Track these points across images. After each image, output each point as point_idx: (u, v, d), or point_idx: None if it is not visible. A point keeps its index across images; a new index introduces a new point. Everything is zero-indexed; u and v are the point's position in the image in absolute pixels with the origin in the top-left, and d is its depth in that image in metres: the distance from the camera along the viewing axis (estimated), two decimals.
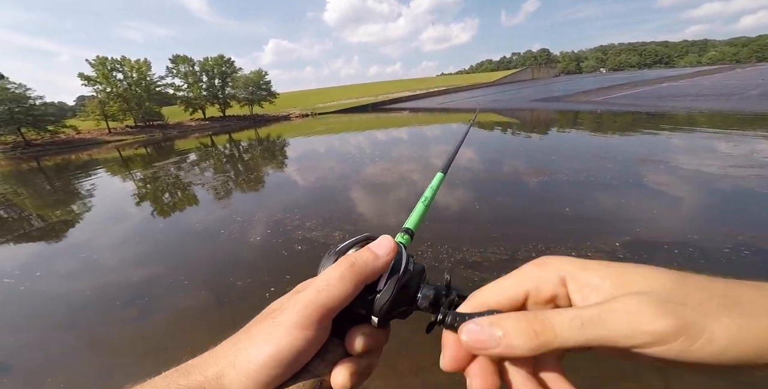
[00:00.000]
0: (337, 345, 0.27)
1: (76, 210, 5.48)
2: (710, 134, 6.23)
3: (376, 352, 0.29)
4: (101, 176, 8.85)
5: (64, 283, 2.98)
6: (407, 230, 0.32)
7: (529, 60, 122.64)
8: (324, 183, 5.38)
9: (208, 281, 2.71)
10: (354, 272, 0.26)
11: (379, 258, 0.27)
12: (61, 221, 4.91)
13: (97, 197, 6.37)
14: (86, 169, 10.76)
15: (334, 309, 0.25)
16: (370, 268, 0.26)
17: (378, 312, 0.26)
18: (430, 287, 0.28)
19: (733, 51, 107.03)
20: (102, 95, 26.20)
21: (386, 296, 0.26)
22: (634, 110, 11.11)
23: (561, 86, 28.20)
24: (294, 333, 0.24)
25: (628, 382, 1.51)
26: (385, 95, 37.62)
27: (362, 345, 0.27)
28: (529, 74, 63.21)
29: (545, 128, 9.29)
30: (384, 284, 0.27)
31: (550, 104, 15.97)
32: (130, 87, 26.99)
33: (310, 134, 14.05)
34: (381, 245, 0.28)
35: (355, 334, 0.27)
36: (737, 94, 12.15)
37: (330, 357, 0.26)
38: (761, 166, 4.05)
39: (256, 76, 32.83)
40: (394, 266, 0.27)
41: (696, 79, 22.62)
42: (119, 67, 26.96)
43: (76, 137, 23.96)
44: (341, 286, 0.25)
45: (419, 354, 1.70)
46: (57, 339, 2.23)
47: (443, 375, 1.04)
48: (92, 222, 4.80)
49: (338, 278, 0.26)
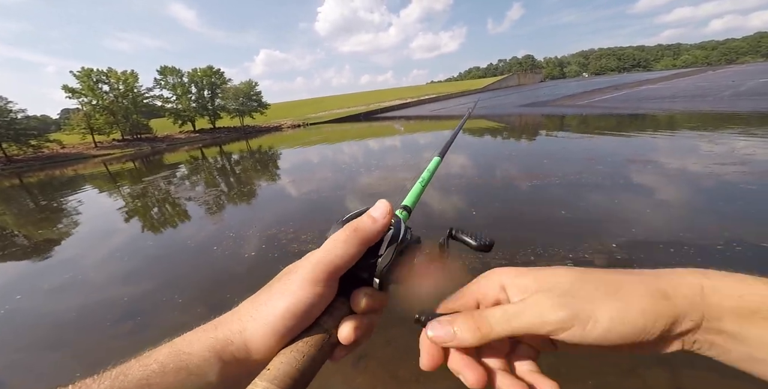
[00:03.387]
0: (343, 303, 0.30)
1: (62, 229, 5.32)
2: (691, 133, 6.44)
3: (377, 313, 0.31)
4: (88, 193, 8.64)
5: (49, 304, 2.86)
6: (405, 207, 0.36)
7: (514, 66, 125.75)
8: (319, 195, 5.34)
9: (202, 298, 2.64)
10: (357, 236, 0.29)
11: (377, 221, 0.30)
12: (46, 241, 4.75)
13: (83, 215, 6.20)
14: (72, 186, 10.50)
15: (340, 268, 0.29)
16: (370, 231, 0.30)
17: (379, 273, 0.30)
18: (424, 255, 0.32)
19: (705, 54, 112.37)
20: (87, 108, 25.70)
21: (386, 260, 0.30)
22: (616, 113, 11.43)
23: (546, 91, 28.89)
24: (306, 288, 0.28)
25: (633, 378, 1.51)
26: (377, 104, 38.02)
27: (365, 304, 0.29)
28: (515, 80, 64.70)
29: (534, 133, 9.47)
30: (384, 249, 0.30)
31: (537, 108, 16.34)
32: (116, 99, 26.59)
33: (303, 145, 14.05)
34: (378, 209, 0.31)
35: (359, 294, 0.30)
36: (711, 96, 12.64)
37: (337, 313, 0.29)
38: (742, 162, 4.18)
39: (246, 86, 32.83)
40: (394, 235, 0.31)
41: (672, 81, 23.48)
42: (105, 78, 26.57)
43: (61, 152, 23.41)
44: (346, 247, 0.29)
45: (418, 360, 1.70)
46: (47, 361, 2.13)
47: (444, 381, 1.19)
48: (78, 242, 4.66)
49: (343, 241, 0.29)
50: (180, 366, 0.26)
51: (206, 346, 0.27)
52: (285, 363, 0.26)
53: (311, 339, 0.28)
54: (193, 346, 0.27)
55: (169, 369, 0.25)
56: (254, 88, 33.15)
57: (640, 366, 1.55)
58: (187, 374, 0.25)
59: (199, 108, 31.55)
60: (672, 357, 1.55)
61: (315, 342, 0.28)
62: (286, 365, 0.26)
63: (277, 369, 0.25)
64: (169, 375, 0.25)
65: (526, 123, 12.45)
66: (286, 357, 0.26)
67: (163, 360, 0.26)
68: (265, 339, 0.27)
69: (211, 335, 0.28)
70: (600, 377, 1.53)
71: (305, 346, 0.27)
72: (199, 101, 31.64)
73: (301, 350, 0.27)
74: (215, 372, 0.26)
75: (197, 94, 31.77)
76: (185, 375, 0.25)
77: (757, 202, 3.07)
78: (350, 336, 0.28)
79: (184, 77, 31.36)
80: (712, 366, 1.14)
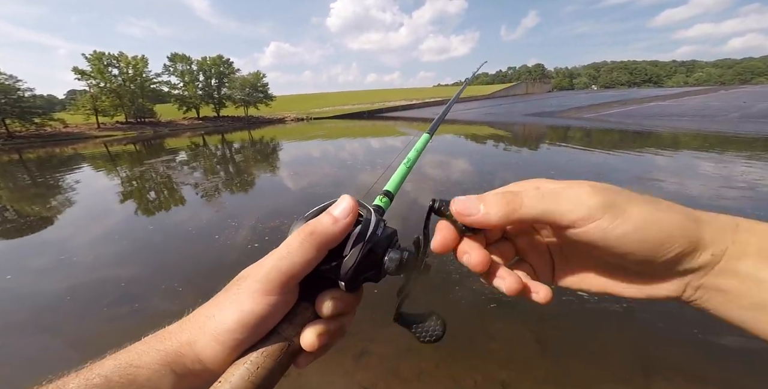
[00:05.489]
0: (306, 309, 0.28)
1: (58, 208, 5.24)
2: (698, 153, 6.39)
3: (348, 315, 0.29)
4: (86, 172, 8.56)
5: (41, 286, 2.77)
6: (387, 192, 0.32)
7: (524, 74, 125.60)
8: (324, 189, 5.28)
9: (202, 287, 2.56)
10: (314, 239, 0.26)
11: (338, 221, 0.27)
12: (41, 219, 4.68)
13: (81, 195, 6.11)
14: (70, 164, 10.42)
15: (296, 275, 0.26)
16: (329, 233, 0.26)
17: (344, 276, 0.27)
18: (397, 251, 0.28)
19: (719, 73, 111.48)
20: (95, 90, 25.73)
21: (350, 262, 0.27)
22: (623, 128, 11.37)
23: (554, 102, 28.84)
24: (257, 298, 0.25)
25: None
26: (382, 103, 37.91)
27: (331, 308, 0.27)
28: (523, 89, 64.56)
29: (540, 143, 9.43)
30: (349, 249, 0.27)
31: (544, 119, 16.29)
32: (124, 83, 26.62)
33: (306, 139, 13.98)
34: (339, 207, 0.27)
35: (324, 298, 0.27)
36: (720, 116, 12.59)
37: (299, 319, 0.27)
38: (750, 188, 4.13)
39: (254, 77, 32.75)
40: (360, 233, 0.27)
41: (682, 99, 23.41)
42: (115, 62, 26.61)
43: (63, 131, 23.35)
44: (302, 253, 0.26)
45: (421, 359, 1.69)
46: (37, 345, 2.05)
47: (445, 379, 1.28)
48: (74, 222, 4.58)
49: (299, 245, 0.26)
50: (128, 379, 0.24)
51: (156, 359, 0.25)
52: (237, 376, 0.24)
53: (267, 349, 0.26)
54: (143, 359, 0.25)
55: (115, 383, 0.24)
56: (261, 80, 33.07)
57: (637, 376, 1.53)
58: (137, 387, 0.24)
59: (204, 96, 31.51)
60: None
61: (271, 353, 0.26)
62: (237, 378, 0.24)
63: (228, 382, 0.24)
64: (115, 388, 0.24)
65: (531, 133, 12.40)
66: (238, 369, 0.25)
67: (107, 374, 0.24)
68: (215, 353, 0.25)
69: (161, 347, 0.26)
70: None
71: (260, 357, 0.25)
72: (205, 89, 31.60)
73: (255, 361, 0.25)
74: (168, 385, 0.25)
75: (204, 83, 31.72)
76: (135, 388, 0.24)
77: None
78: (314, 343, 0.26)
79: (193, 65, 31.32)
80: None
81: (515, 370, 1.59)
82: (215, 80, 31.90)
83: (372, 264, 0.28)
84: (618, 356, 1.65)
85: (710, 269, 0.23)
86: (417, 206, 4.10)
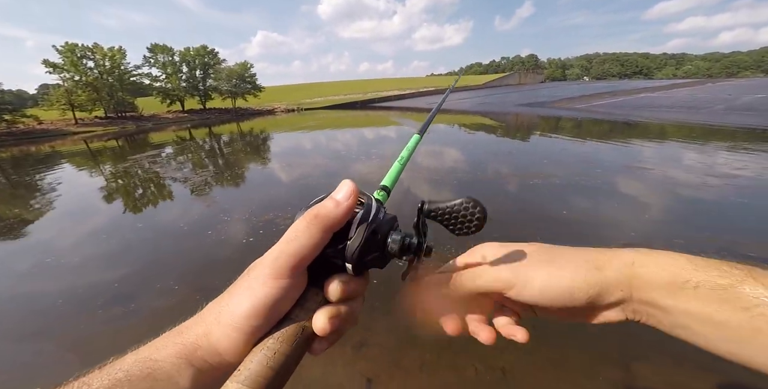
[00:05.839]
0: (316, 294, 0.28)
1: (38, 209, 5.06)
2: (684, 144, 6.50)
3: (357, 299, 0.30)
4: (66, 170, 8.28)
5: (29, 290, 2.66)
6: (384, 187, 0.34)
7: (517, 65, 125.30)
8: (317, 180, 5.19)
9: (198, 284, 2.49)
10: (319, 222, 0.27)
11: (340, 204, 0.27)
12: (22, 221, 4.50)
13: (62, 195, 5.90)
14: (49, 162, 10.05)
15: (305, 258, 0.27)
16: (333, 216, 0.27)
17: (350, 258, 0.28)
18: (399, 233, 0.30)
19: (707, 66, 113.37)
20: (69, 84, 24.39)
21: (356, 242, 0.27)
22: (612, 119, 11.48)
23: (546, 92, 28.90)
24: (269, 283, 0.26)
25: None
26: (374, 93, 37.42)
27: (339, 292, 0.28)
28: (516, 79, 64.49)
29: (533, 133, 9.44)
30: (354, 231, 0.28)
31: (536, 109, 16.32)
32: (101, 76, 25.32)
33: (297, 130, 13.71)
34: (340, 191, 0.28)
35: (332, 282, 0.28)
36: (706, 108, 12.77)
37: (309, 304, 0.28)
38: (734, 176, 4.23)
39: (241, 68, 31.78)
40: (363, 216, 0.28)
41: (671, 91, 23.69)
42: (90, 54, 25.23)
43: (38, 128, 22.05)
44: (308, 235, 0.26)
45: (423, 350, 1.70)
46: (30, 351, 1.97)
47: (447, 369, 1.31)
48: (57, 222, 4.42)
49: (304, 229, 0.27)
50: (147, 373, 0.25)
51: (174, 352, 0.26)
52: (255, 362, 0.25)
53: (282, 334, 0.26)
54: (161, 353, 0.26)
55: (135, 377, 0.25)
56: (249, 70, 32.11)
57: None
58: (154, 380, 0.25)
59: (189, 88, 30.39)
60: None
61: (286, 338, 0.26)
62: (256, 364, 0.25)
63: (248, 369, 0.25)
64: (136, 382, 0.24)
65: (524, 123, 12.42)
66: (256, 356, 0.25)
67: (128, 369, 0.25)
68: (232, 341, 0.26)
69: (177, 340, 0.27)
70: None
71: (276, 343, 0.26)
72: (189, 81, 30.46)
73: (272, 347, 0.26)
74: (187, 378, 0.26)
75: (188, 74, 30.56)
76: (152, 381, 0.25)
77: (744, 217, 3.12)
78: (326, 327, 0.27)
79: (175, 56, 30.04)
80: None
81: (513, 356, 1.63)
82: (200, 71, 30.81)
83: (376, 246, 0.29)
84: (612, 340, 1.69)
85: (630, 300, 0.28)
86: (411, 195, 4.07)
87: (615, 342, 1.67)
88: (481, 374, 1.54)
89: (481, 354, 1.64)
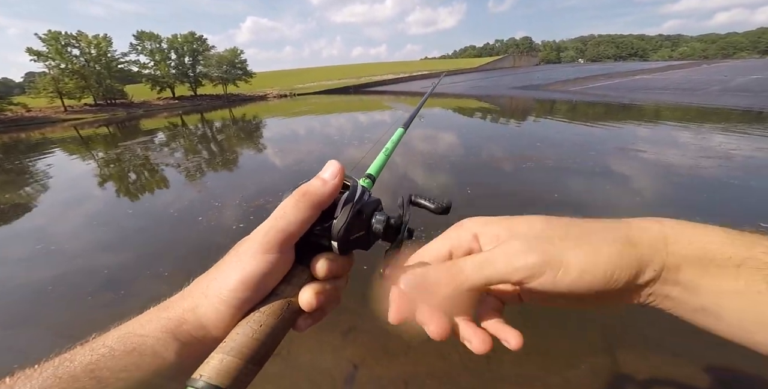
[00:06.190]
0: (303, 271, 0.29)
1: (31, 195, 5.01)
2: (678, 125, 6.52)
3: (342, 278, 0.31)
4: (58, 156, 8.13)
5: (21, 277, 2.70)
6: (369, 175, 0.36)
7: (511, 47, 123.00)
8: (309, 166, 5.17)
9: (188, 270, 2.50)
10: (307, 199, 0.28)
11: (327, 182, 0.28)
12: (13, 206, 4.47)
13: (55, 181, 5.84)
14: (40, 149, 9.85)
15: (293, 234, 0.27)
16: (320, 193, 0.28)
17: (336, 235, 0.28)
18: (383, 213, 0.31)
19: (703, 47, 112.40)
20: (56, 72, 23.74)
21: (342, 220, 0.28)
22: (607, 101, 11.42)
23: (541, 75, 28.54)
24: (258, 257, 0.26)
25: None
26: (368, 78, 36.70)
27: (325, 269, 0.28)
28: (510, 62, 63.47)
29: (527, 116, 9.42)
30: (340, 210, 0.29)
31: (531, 92, 16.16)
32: (88, 64, 24.72)
33: (290, 115, 13.51)
34: (327, 170, 0.29)
35: (318, 259, 0.29)
36: (701, 90, 12.73)
37: (296, 281, 0.29)
38: (726, 157, 4.27)
39: (231, 54, 30.95)
40: (348, 197, 0.29)
41: (666, 73, 23.55)
42: (75, 42, 24.48)
43: (27, 115, 21.60)
44: (296, 212, 0.27)
45: (409, 334, 1.70)
46: (25, 337, 2.02)
47: (431, 352, 1.35)
48: (48, 209, 4.40)
49: (293, 206, 0.27)
50: (132, 348, 0.25)
51: (159, 326, 0.26)
52: (241, 334, 0.25)
53: (268, 308, 0.27)
54: (145, 328, 0.26)
55: (120, 352, 0.25)
56: (239, 56, 31.28)
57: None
58: (139, 355, 0.25)
59: (179, 75, 29.60)
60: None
61: (272, 311, 0.27)
62: (242, 336, 0.25)
63: (233, 340, 0.25)
64: (120, 357, 0.24)
65: (518, 106, 12.35)
66: (242, 328, 0.26)
67: (112, 344, 0.25)
68: (219, 315, 0.26)
69: (163, 315, 0.27)
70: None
71: (262, 316, 0.26)
72: (179, 68, 29.63)
73: (258, 320, 0.26)
74: (172, 352, 0.26)
75: (177, 61, 29.71)
76: (138, 356, 0.25)
77: (735, 198, 3.15)
78: (311, 301, 0.27)
79: (163, 43, 29.13)
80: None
81: (498, 342, 1.66)
82: (189, 58, 29.94)
83: (361, 225, 0.30)
84: (595, 327, 1.70)
85: (656, 281, 0.24)
86: (406, 180, 4.10)
87: (598, 329, 1.69)
88: (465, 359, 1.55)
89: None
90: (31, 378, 0.23)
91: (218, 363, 0.23)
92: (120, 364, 0.24)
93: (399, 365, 1.57)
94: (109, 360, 0.24)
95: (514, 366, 1.52)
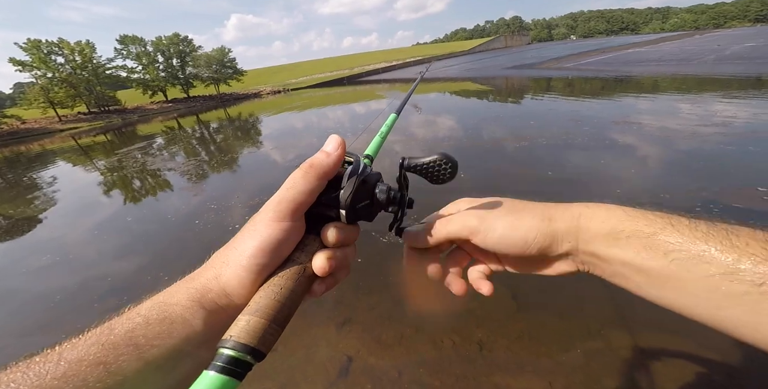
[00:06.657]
0: (314, 240, 0.32)
1: (35, 206, 5.11)
2: (674, 96, 6.51)
3: (350, 247, 0.34)
4: (61, 167, 8.21)
5: (30, 287, 2.79)
6: (367, 155, 0.39)
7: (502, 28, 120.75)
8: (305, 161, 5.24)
9: (188, 273, 2.60)
10: (313, 170, 0.30)
11: (331, 154, 0.31)
12: (18, 220, 4.58)
13: (58, 192, 5.96)
14: (41, 161, 9.90)
15: (303, 203, 0.30)
16: (326, 163, 0.31)
17: (344, 204, 0.31)
18: (385, 184, 0.34)
19: (693, 18, 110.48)
20: (43, 81, 23.43)
21: (348, 190, 0.31)
22: (602, 76, 11.33)
23: (533, 53, 28.11)
24: (272, 225, 0.29)
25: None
26: (360, 68, 36.18)
27: (335, 237, 0.31)
28: (502, 42, 62.37)
29: (521, 95, 9.38)
30: (345, 182, 0.31)
31: (524, 71, 15.99)
32: (74, 71, 24.34)
33: (284, 111, 13.47)
34: (329, 144, 0.32)
35: (327, 228, 0.31)
36: (696, 59, 12.60)
37: (309, 248, 0.31)
38: (723, 124, 4.29)
39: (219, 53, 30.40)
40: (353, 170, 0.32)
41: (659, 45, 23.20)
42: (57, 50, 24.03)
43: (22, 127, 21.58)
44: (305, 182, 0.30)
45: (401, 325, 1.74)
46: (36, 345, 2.13)
47: (424, 341, 1.40)
48: (52, 220, 4.48)
49: (301, 177, 0.30)
50: (163, 316, 0.26)
51: (186, 296, 0.28)
52: (264, 297, 0.27)
53: (286, 272, 0.29)
54: (174, 297, 0.28)
55: (153, 320, 0.26)
56: (227, 55, 30.72)
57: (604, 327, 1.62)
58: (170, 323, 0.26)
59: (168, 77, 29.21)
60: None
61: (290, 275, 0.29)
62: (265, 298, 0.27)
63: (257, 303, 0.26)
64: (154, 325, 0.26)
65: (512, 86, 12.25)
66: (265, 291, 0.27)
67: (145, 313, 0.27)
68: (241, 281, 0.28)
69: (189, 286, 0.29)
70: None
71: (281, 280, 0.28)
72: (168, 70, 29.19)
73: (278, 283, 0.28)
74: (199, 320, 0.27)
75: (165, 63, 29.24)
76: (169, 324, 0.26)
77: (733, 164, 3.13)
78: (324, 266, 0.29)
79: (148, 46, 28.59)
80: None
81: (490, 329, 1.64)
82: (177, 60, 29.46)
83: (366, 193, 0.33)
84: (590, 310, 1.69)
85: (577, 252, 0.30)
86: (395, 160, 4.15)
87: (592, 312, 1.67)
88: (458, 347, 1.56)
89: (458, 327, 1.66)
90: (77, 346, 0.25)
91: (246, 324, 0.25)
92: (154, 332, 0.26)
93: (392, 355, 1.58)
94: (144, 328, 0.26)
95: (506, 351, 1.52)
